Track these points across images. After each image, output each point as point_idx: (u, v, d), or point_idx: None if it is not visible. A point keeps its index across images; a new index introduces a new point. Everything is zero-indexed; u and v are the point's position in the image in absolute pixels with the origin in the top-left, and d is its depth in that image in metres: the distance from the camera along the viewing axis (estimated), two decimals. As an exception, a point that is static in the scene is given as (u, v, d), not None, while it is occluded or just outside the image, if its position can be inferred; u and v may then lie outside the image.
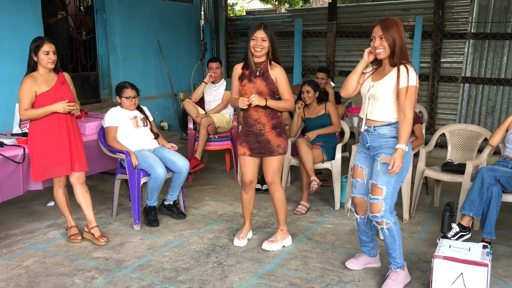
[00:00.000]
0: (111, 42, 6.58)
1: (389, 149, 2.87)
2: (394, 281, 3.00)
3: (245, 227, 3.77)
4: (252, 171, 3.58)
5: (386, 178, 2.87)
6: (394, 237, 2.95)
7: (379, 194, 2.89)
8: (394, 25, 2.79)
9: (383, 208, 2.90)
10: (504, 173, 3.53)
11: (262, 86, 3.41)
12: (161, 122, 7.41)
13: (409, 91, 2.77)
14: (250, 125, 3.49)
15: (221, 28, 8.30)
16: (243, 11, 18.71)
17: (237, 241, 3.69)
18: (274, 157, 3.51)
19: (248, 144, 3.52)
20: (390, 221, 2.92)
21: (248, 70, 3.44)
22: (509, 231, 3.98)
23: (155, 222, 4.05)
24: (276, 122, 3.50)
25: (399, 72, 2.79)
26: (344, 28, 7.22)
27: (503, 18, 6.16)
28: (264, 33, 3.33)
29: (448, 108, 6.76)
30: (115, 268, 3.32)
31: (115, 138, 4.10)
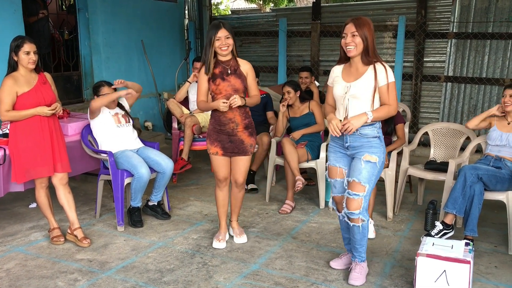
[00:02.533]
0: (94, 41, 6.51)
1: (372, 148, 2.93)
2: (359, 273, 3.08)
3: (223, 229, 3.71)
4: (226, 168, 3.57)
5: (369, 176, 2.91)
6: (365, 234, 3.02)
7: (361, 191, 2.92)
8: (366, 24, 2.84)
9: (362, 205, 2.94)
10: (486, 171, 3.57)
11: (237, 83, 3.40)
12: (145, 122, 7.36)
13: (390, 87, 2.87)
14: (222, 124, 3.46)
15: (205, 27, 8.26)
16: (228, 11, 18.68)
17: (217, 243, 3.65)
18: (246, 156, 3.53)
19: (221, 144, 3.49)
20: (365, 218, 2.97)
21: (219, 69, 3.39)
22: (491, 228, 4.03)
23: (139, 223, 4.02)
24: (248, 122, 3.51)
25: (375, 70, 2.85)
26: (328, 28, 7.24)
27: (484, 18, 6.24)
28: (226, 31, 3.32)
29: (431, 107, 6.82)
30: (99, 270, 3.28)
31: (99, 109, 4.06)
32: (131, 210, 4.06)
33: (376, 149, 2.92)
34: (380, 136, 2.97)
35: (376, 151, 2.92)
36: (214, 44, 3.32)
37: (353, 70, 2.94)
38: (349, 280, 3.07)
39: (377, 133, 2.95)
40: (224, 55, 3.37)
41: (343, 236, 3.27)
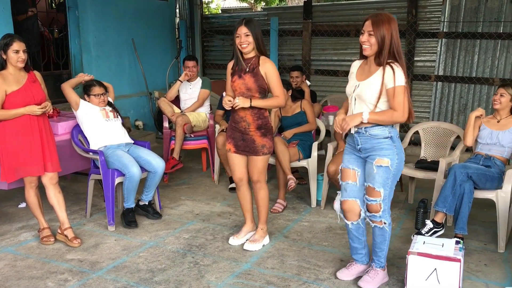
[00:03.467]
0: (84, 40, 6.47)
1: (383, 150, 2.81)
2: (372, 278, 3.00)
3: (244, 226, 3.71)
4: (240, 168, 3.55)
5: (383, 180, 2.82)
6: (385, 238, 2.95)
7: (377, 196, 2.84)
8: (385, 21, 2.69)
9: (382, 208, 2.87)
10: (476, 169, 3.60)
11: (250, 82, 3.38)
12: (136, 121, 7.32)
13: (396, 91, 2.70)
14: (236, 121, 3.48)
15: (196, 26, 8.26)
16: (219, 9, 18.64)
17: (232, 239, 3.66)
18: (259, 157, 3.49)
19: (234, 141, 3.50)
20: (387, 221, 2.91)
21: (238, 67, 3.41)
22: (480, 226, 4.06)
23: (134, 223, 3.98)
24: (261, 122, 3.46)
25: (384, 72, 2.72)
26: (320, 27, 7.26)
27: (474, 18, 6.29)
28: (246, 29, 3.30)
29: (421, 106, 6.86)
30: (89, 270, 3.26)
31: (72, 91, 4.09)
32: (124, 212, 4.02)
33: (387, 151, 2.80)
34: (393, 136, 2.82)
35: (387, 153, 2.80)
36: (235, 41, 3.34)
37: (367, 68, 2.85)
38: (359, 282, 3.01)
39: (389, 133, 2.81)
40: (245, 52, 3.36)
41: (351, 245, 3.14)
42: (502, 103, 3.81)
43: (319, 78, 7.39)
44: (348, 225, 3.06)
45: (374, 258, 3.05)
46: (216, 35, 8.34)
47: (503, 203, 3.58)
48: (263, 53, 3.41)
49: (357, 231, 3.06)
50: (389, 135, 2.82)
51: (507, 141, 3.78)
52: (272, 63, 3.45)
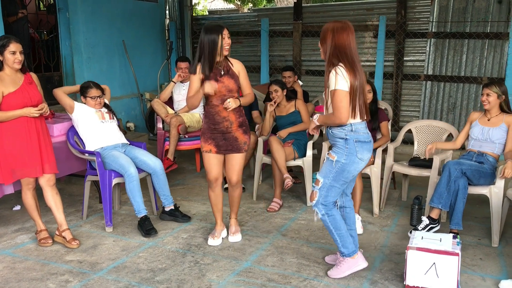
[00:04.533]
0: (75, 41, 6.43)
1: (335, 147, 3.00)
2: (338, 267, 3.15)
3: (218, 226, 3.76)
4: (217, 168, 3.59)
5: (325, 171, 3.01)
6: (330, 228, 3.08)
7: (317, 184, 3.05)
8: (326, 31, 2.92)
9: (316, 198, 3.03)
10: (470, 166, 3.67)
11: (231, 84, 3.43)
12: (127, 123, 7.30)
13: (333, 95, 2.87)
14: (217, 122, 3.48)
15: (186, 27, 8.26)
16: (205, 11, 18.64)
17: (211, 240, 3.68)
18: (240, 154, 3.56)
19: (215, 141, 3.51)
20: (320, 212, 3.04)
21: (208, 69, 3.38)
22: (474, 222, 4.14)
23: (153, 230, 3.81)
24: (242, 120, 3.55)
25: (328, 75, 2.90)
26: (310, 28, 7.32)
27: (461, 18, 6.39)
28: (228, 31, 3.39)
29: (411, 105, 6.95)
30: (90, 270, 3.25)
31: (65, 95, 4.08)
32: (140, 222, 3.87)
33: (338, 149, 2.96)
34: (348, 139, 2.92)
35: (337, 151, 2.96)
36: (219, 43, 3.32)
37: None
38: (329, 270, 3.19)
39: (345, 136, 2.93)
40: (226, 54, 3.40)
41: None
42: (491, 102, 3.89)
43: (310, 79, 7.45)
44: None
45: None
46: (206, 36, 8.33)
47: (496, 198, 3.66)
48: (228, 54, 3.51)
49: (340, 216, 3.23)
50: (345, 137, 2.94)
51: (497, 137, 3.86)
52: (241, 63, 3.56)
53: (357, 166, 2.98)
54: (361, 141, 2.96)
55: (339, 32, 2.88)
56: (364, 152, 2.98)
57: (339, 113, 2.86)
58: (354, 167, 2.97)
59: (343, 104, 2.84)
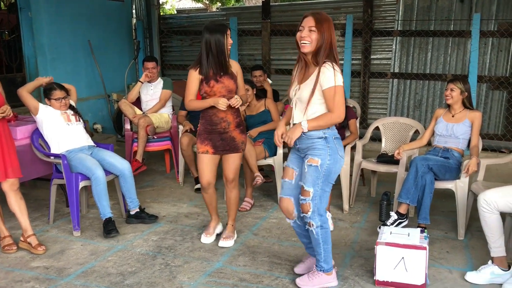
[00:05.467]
0: (39, 42, 6.27)
1: (315, 150, 2.78)
2: (309, 279, 2.96)
3: (213, 222, 3.72)
4: (211, 171, 3.53)
5: (312, 180, 2.79)
6: (319, 241, 2.86)
7: (307, 195, 2.81)
8: (328, 20, 2.67)
9: (311, 209, 2.81)
10: (436, 161, 3.75)
11: (231, 84, 3.40)
12: (95, 125, 7.17)
13: (336, 91, 2.68)
14: (214, 123, 3.43)
15: (154, 26, 8.16)
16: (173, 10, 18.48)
17: (204, 237, 3.66)
18: (238, 154, 3.53)
19: (212, 142, 3.47)
20: (315, 223, 2.82)
21: (218, 69, 3.33)
22: (441, 216, 4.23)
23: (114, 230, 3.76)
24: (239, 120, 3.53)
25: (319, 72, 2.68)
26: (278, 27, 7.34)
27: (426, 16, 6.53)
28: (230, 31, 3.41)
29: (379, 102, 7.06)
30: (57, 276, 3.17)
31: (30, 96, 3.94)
32: (104, 223, 3.81)
33: (319, 151, 2.76)
34: (327, 137, 2.78)
35: (319, 153, 2.76)
36: (225, 43, 3.28)
37: (306, 70, 2.80)
38: (298, 278, 3.01)
39: (323, 134, 2.78)
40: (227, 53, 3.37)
41: (301, 240, 3.16)
42: (454, 97, 3.98)
43: (280, 77, 7.47)
44: (290, 223, 3.09)
45: (316, 261, 2.98)
46: (174, 36, 8.27)
47: (461, 192, 3.75)
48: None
49: (299, 228, 3.06)
50: (324, 135, 2.78)
51: (460, 132, 3.95)
52: (237, 62, 3.54)
53: (340, 164, 2.85)
54: (337, 137, 2.85)
55: (334, 29, 2.72)
56: (342, 149, 2.86)
57: (340, 111, 2.70)
58: (338, 166, 2.83)
59: (343, 101, 2.72)
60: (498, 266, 3.03)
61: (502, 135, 6.36)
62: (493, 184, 3.77)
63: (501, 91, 6.33)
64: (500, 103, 6.39)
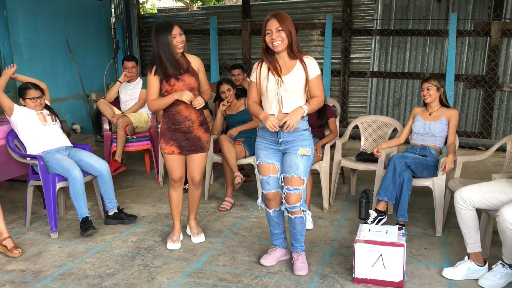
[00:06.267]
0: (15, 41, 6.16)
1: (305, 141, 2.99)
2: (303, 263, 3.17)
3: (176, 229, 3.64)
4: (181, 167, 3.51)
5: (305, 169, 2.98)
6: (304, 223, 3.10)
7: (301, 184, 2.97)
8: (287, 18, 2.91)
9: (302, 198, 3.01)
10: (413, 159, 3.79)
11: (192, 82, 3.35)
12: (73, 125, 7.07)
13: (320, 79, 2.99)
14: (178, 122, 3.38)
15: (133, 26, 8.10)
16: (154, 9, 18.34)
17: (171, 244, 3.58)
18: (204, 153, 3.50)
19: (177, 142, 3.42)
20: (305, 209, 3.07)
21: (171, 69, 3.28)
22: (419, 213, 4.28)
23: (91, 228, 3.72)
24: (203, 118, 3.49)
25: (304, 63, 2.92)
26: (259, 26, 7.34)
27: (404, 16, 6.60)
28: (179, 28, 3.27)
29: (358, 101, 7.12)
30: (33, 279, 3.12)
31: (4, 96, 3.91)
32: (81, 223, 3.76)
33: (308, 142, 3.00)
34: (309, 128, 3.06)
35: (308, 144, 3.00)
36: (172, 42, 3.20)
37: (282, 64, 2.94)
38: (295, 271, 3.13)
39: (307, 125, 3.04)
40: (179, 52, 3.29)
41: (272, 232, 3.28)
42: (432, 95, 4.03)
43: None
44: (269, 213, 3.20)
45: (297, 245, 3.17)
46: (154, 35, 8.20)
47: (439, 189, 3.80)
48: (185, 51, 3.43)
49: (278, 217, 3.23)
50: (307, 127, 3.03)
51: (437, 130, 4.00)
52: (199, 58, 3.49)
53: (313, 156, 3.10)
54: None
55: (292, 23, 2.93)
56: None
57: (324, 96, 3.01)
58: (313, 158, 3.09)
59: None
60: (474, 261, 3.07)
61: (479, 132, 6.47)
62: (469, 181, 3.83)
63: (477, 89, 6.43)
64: (477, 101, 6.50)
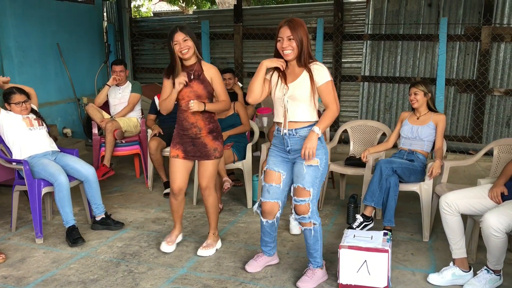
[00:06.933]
0: (5, 45, 6.14)
1: None
2: (310, 278, 3.05)
3: (175, 230, 3.64)
4: (182, 176, 3.45)
5: (312, 180, 2.89)
6: (317, 238, 3.01)
7: (306, 196, 2.90)
8: (301, 25, 2.83)
9: (310, 209, 2.93)
10: (400, 164, 3.78)
11: (200, 90, 3.34)
12: (64, 129, 7.05)
13: (331, 85, 2.87)
14: (185, 128, 3.39)
15: (125, 29, 8.08)
16: (150, 13, 18.35)
17: (165, 246, 3.56)
18: (210, 161, 3.44)
19: (183, 146, 3.42)
20: (317, 222, 2.97)
21: (178, 74, 3.29)
22: (408, 218, 4.27)
23: (80, 239, 3.68)
24: (213, 126, 3.44)
25: (311, 71, 2.84)
26: (250, 30, 7.35)
27: (395, 20, 6.61)
28: (183, 34, 3.23)
29: (350, 105, 7.12)
30: (15, 286, 3.09)
31: None
32: (67, 232, 3.73)
33: (317, 151, 2.86)
34: (321, 137, 2.91)
35: (317, 153, 2.86)
36: (174, 49, 3.22)
37: (291, 72, 2.92)
38: (298, 282, 3.05)
39: None
40: (186, 58, 3.27)
41: (262, 238, 3.26)
42: (419, 100, 4.03)
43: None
44: (263, 222, 3.16)
45: (310, 259, 3.09)
46: (146, 39, 8.21)
47: (426, 195, 3.79)
48: (201, 58, 3.39)
49: (270, 228, 3.18)
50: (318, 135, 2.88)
51: (425, 135, 4.00)
52: (216, 68, 3.44)
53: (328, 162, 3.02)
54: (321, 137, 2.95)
55: (307, 31, 2.88)
56: None
57: (338, 104, 2.90)
58: (327, 165, 3.02)
59: (335, 94, 2.89)
60: (459, 267, 3.07)
61: (470, 137, 6.48)
62: (457, 186, 3.83)
63: (468, 94, 6.44)
64: (467, 106, 6.50)
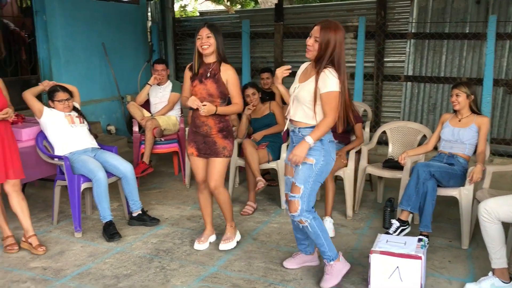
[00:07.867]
0: (53, 44, 6.38)
1: (311, 150, 2.88)
2: (330, 275, 3.03)
3: (206, 231, 3.71)
4: (203, 170, 3.55)
5: (304, 177, 2.90)
6: (317, 233, 2.96)
7: (296, 192, 2.91)
8: (332, 29, 2.76)
9: (299, 207, 2.91)
10: (439, 168, 3.65)
11: (212, 89, 3.38)
12: (108, 126, 7.25)
13: (330, 96, 2.78)
14: (197, 126, 3.48)
15: (168, 29, 8.21)
16: (196, 12, 18.59)
17: (197, 244, 3.64)
18: (219, 158, 3.47)
19: (196, 144, 3.50)
20: (308, 219, 2.93)
21: (201, 71, 3.39)
22: (447, 223, 4.12)
23: (116, 235, 3.79)
24: (223, 125, 3.48)
25: (318, 77, 2.79)
26: (291, 29, 7.29)
27: (440, 19, 6.39)
28: (208, 30, 3.30)
29: (392, 106, 6.94)
30: (53, 277, 3.21)
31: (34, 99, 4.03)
32: (105, 227, 3.85)
33: (314, 152, 2.88)
34: (323, 139, 2.89)
35: (314, 154, 2.88)
36: (196, 43, 3.32)
37: (308, 72, 2.94)
38: (321, 283, 3.04)
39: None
40: (206, 53, 3.34)
41: (295, 236, 3.28)
42: (460, 102, 3.88)
43: (292, 80, 7.39)
44: (291, 216, 3.10)
45: (322, 255, 3.07)
46: (188, 38, 8.31)
47: (466, 200, 3.65)
48: (224, 59, 3.42)
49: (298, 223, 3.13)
50: (322, 138, 2.89)
51: (467, 137, 3.84)
52: (234, 70, 3.45)
53: (331, 166, 3.00)
54: (332, 141, 2.99)
55: (342, 38, 2.79)
56: (334, 152, 3.01)
57: (335, 115, 2.82)
58: (329, 168, 2.98)
59: (338, 106, 2.82)
60: (499, 278, 2.93)
61: (519, 140, 6.17)
62: (499, 192, 3.66)
63: (518, 95, 6.14)
64: (517, 108, 6.20)
